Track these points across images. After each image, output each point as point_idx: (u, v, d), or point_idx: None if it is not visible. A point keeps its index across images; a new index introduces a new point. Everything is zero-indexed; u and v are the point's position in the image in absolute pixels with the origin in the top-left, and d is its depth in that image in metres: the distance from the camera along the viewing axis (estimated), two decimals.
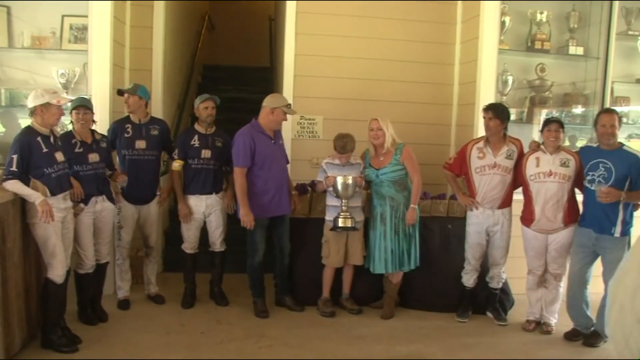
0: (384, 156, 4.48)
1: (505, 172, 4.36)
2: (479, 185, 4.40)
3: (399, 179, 4.45)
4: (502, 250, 4.49)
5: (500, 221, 4.42)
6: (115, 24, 4.74)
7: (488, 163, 4.37)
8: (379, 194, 4.48)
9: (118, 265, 4.60)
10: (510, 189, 4.43)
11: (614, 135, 4.03)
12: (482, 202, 4.41)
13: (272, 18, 8.91)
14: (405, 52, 5.49)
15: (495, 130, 4.34)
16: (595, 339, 4.18)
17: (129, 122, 4.51)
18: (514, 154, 4.39)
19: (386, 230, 4.44)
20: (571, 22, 5.45)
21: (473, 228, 4.48)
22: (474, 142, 4.49)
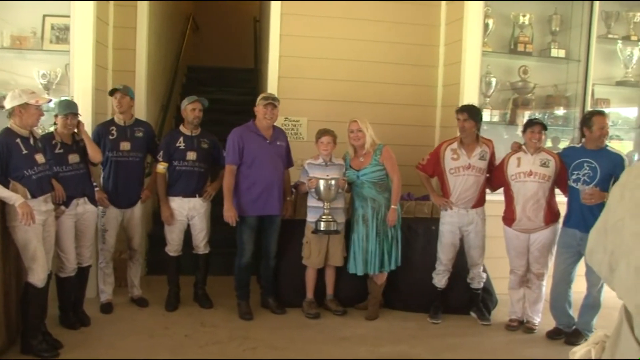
0: (364, 157, 4.50)
1: (479, 173, 4.41)
2: (454, 186, 4.43)
3: (380, 180, 4.46)
4: (478, 250, 4.52)
5: (474, 220, 4.46)
6: (98, 25, 4.70)
7: (462, 164, 4.40)
8: (360, 195, 4.49)
9: (101, 269, 4.56)
10: (483, 189, 4.48)
11: (608, 135, 4.12)
12: (456, 203, 4.44)
13: (257, 19, 8.90)
14: (390, 54, 5.51)
15: (470, 132, 4.38)
16: (577, 337, 4.23)
17: (114, 124, 4.47)
18: (486, 155, 4.44)
19: (368, 231, 4.45)
20: (553, 25, 5.52)
21: (447, 227, 4.50)
22: (447, 144, 4.52)
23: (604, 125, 4.11)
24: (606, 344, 1.43)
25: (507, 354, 4.07)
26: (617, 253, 1.33)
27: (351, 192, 4.60)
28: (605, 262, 1.39)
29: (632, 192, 1.32)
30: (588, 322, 4.24)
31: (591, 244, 1.48)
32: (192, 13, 9.36)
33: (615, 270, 1.35)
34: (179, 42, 8.15)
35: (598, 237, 1.43)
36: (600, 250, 1.41)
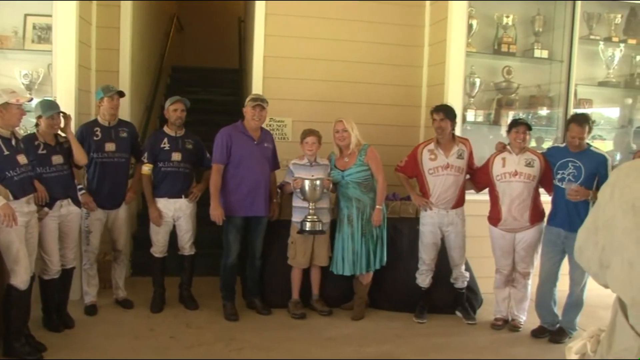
0: (349, 157, 4.51)
1: (458, 172, 4.44)
2: (433, 186, 4.45)
3: (364, 180, 4.47)
4: (459, 250, 4.55)
5: (454, 221, 4.48)
6: (81, 24, 4.66)
7: (441, 164, 4.42)
8: (345, 195, 4.50)
9: (85, 270, 4.51)
10: (462, 189, 4.51)
11: (580, 146, 4.14)
12: (436, 203, 4.45)
13: (242, 19, 8.88)
14: (374, 54, 5.53)
15: (447, 131, 4.41)
16: (561, 335, 4.28)
17: (98, 125, 4.43)
18: (464, 154, 4.47)
19: (353, 232, 4.45)
20: (536, 26, 5.57)
21: (428, 228, 4.52)
22: (424, 145, 4.54)
23: (575, 135, 4.12)
24: (602, 336, 1.48)
25: (493, 353, 4.10)
26: (609, 249, 1.40)
27: (336, 192, 4.61)
28: (595, 258, 1.45)
29: (621, 190, 1.38)
30: (571, 320, 4.28)
31: (580, 241, 1.53)
32: (176, 13, 9.32)
33: (608, 267, 1.40)
34: (163, 42, 8.11)
35: (588, 235, 1.49)
36: (591, 247, 1.47)
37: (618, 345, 1.37)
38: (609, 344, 1.41)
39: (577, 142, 4.12)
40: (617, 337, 1.38)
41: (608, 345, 1.41)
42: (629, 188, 1.36)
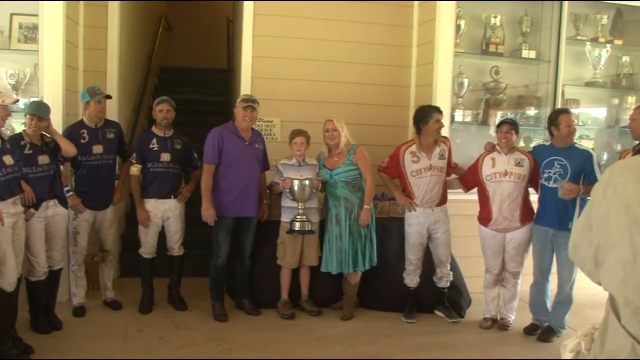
0: (338, 157, 4.52)
1: (440, 173, 4.46)
2: (417, 187, 4.45)
3: (353, 180, 4.48)
4: (445, 247, 4.57)
5: (440, 218, 4.50)
6: (68, 24, 4.63)
7: (424, 166, 4.43)
8: (333, 195, 4.50)
9: (73, 272, 4.48)
10: (445, 187, 4.54)
11: (575, 132, 4.23)
12: (421, 203, 4.46)
13: (230, 20, 8.85)
14: (363, 54, 5.53)
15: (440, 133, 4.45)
16: (549, 334, 4.31)
17: (84, 127, 4.39)
18: (445, 153, 4.49)
19: (341, 231, 4.46)
20: (524, 27, 5.60)
21: (414, 228, 4.52)
22: (406, 147, 4.53)
23: (570, 122, 4.20)
24: (595, 335, 1.49)
25: (482, 352, 4.12)
26: (604, 247, 1.41)
27: (325, 192, 4.61)
28: (590, 256, 1.47)
29: (615, 189, 1.39)
30: (560, 319, 4.31)
31: (575, 239, 1.55)
32: (165, 13, 9.28)
33: (603, 264, 1.42)
34: (151, 42, 8.07)
35: (583, 233, 1.50)
36: (585, 245, 1.49)
37: (610, 344, 1.38)
38: (601, 342, 1.41)
39: (573, 129, 4.18)
40: (609, 336, 1.39)
41: (601, 344, 1.41)
42: (622, 186, 1.37)
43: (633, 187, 1.36)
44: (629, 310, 1.32)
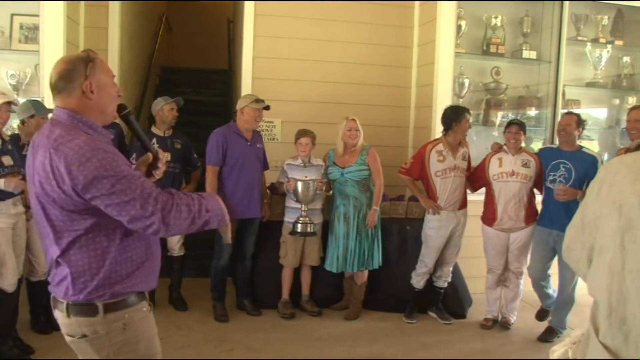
0: (350, 155, 4.51)
1: (462, 174, 4.46)
2: (441, 188, 4.43)
3: (363, 179, 4.48)
4: (455, 248, 4.57)
5: (461, 222, 4.50)
6: (69, 24, 4.63)
7: (449, 166, 4.42)
8: (342, 193, 4.49)
9: None
10: (466, 189, 4.52)
11: (568, 133, 4.21)
12: (445, 206, 4.44)
13: (231, 20, 8.86)
14: (363, 54, 5.53)
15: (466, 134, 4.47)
16: (550, 334, 4.32)
17: None
18: (466, 155, 4.51)
19: (349, 230, 4.45)
20: (524, 27, 5.60)
21: (436, 232, 4.47)
22: (432, 145, 4.51)
23: (562, 122, 4.30)
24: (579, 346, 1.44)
25: (482, 352, 4.12)
26: (597, 249, 1.37)
27: (332, 190, 4.60)
28: (583, 258, 1.44)
29: (609, 188, 1.35)
30: (562, 319, 4.31)
31: (568, 240, 1.51)
32: (165, 13, 9.29)
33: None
34: (151, 42, 8.07)
35: (575, 234, 1.47)
36: (578, 246, 1.45)
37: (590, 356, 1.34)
38: (582, 355, 1.39)
39: (569, 130, 4.20)
40: (590, 351, 1.35)
41: (582, 355, 1.39)
42: (617, 186, 1.33)
43: (628, 188, 1.30)
44: (613, 320, 1.27)
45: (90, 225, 1.76)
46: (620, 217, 1.29)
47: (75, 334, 1.87)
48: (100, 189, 1.66)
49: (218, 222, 1.88)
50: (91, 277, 1.79)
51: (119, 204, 1.67)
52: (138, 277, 1.88)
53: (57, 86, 1.79)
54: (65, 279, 1.83)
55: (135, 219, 1.69)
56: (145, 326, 1.95)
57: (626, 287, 1.26)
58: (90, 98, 1.79)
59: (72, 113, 1.78)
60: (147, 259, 1.92)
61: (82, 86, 1.77)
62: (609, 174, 1.37)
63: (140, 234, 1.85)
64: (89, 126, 1.80)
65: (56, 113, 1.81)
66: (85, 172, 1.65)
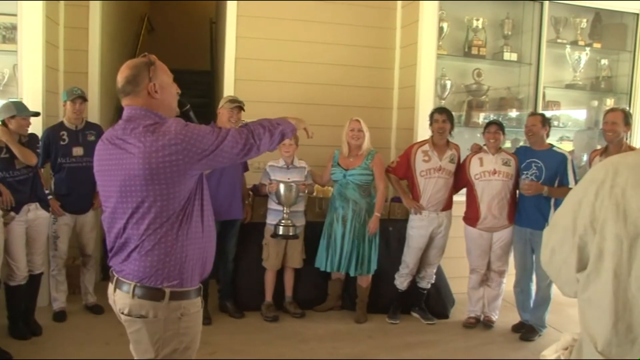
0: (355, 158, 4.50)
1: (448, 176, 4.49)
2: (424, 188, 4.47)
3: (365, 184, 4.47)
4: (439, 250, 4.60)
5: (444, 223, 4.53)
6: (48, 24, 4.57)
7: (434, 166, 4.45)
8: (343, 195, 4.47)
9: (53, 276, 4.41)
10: (452, 192, 4.55)
11: (535, 134, 4.31)
12: (427, 206, 4.48)
13: (213, 21, 8.81)
14: (346, 56, 5.53)
15: (446, 134, 4.47)
16: (531, 333, 4.37)
17: (64, 129, 4.33)
18: (455, 158, 4.53)
19: (345, 232, 4.43)
20: (505, 29, 5.65)
21: (417, 232, 4.52)
22: (418, 146, 4.56)
23: (527, 124, 4.39)
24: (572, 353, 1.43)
25: (465, 351, 4.15)
26: (596, 253, 1.31)
27: (332, 191, 4.59)
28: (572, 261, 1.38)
29: (610, 189, 1.30)
30: (540, 317, 4.36)
31: (553, 243, 1.46)
32: (147, 14, 9.21)
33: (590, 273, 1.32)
34: (133, 43, 8.00)
35: (565, 235, 1.40)
36: (566, 249, 1.40)
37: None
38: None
39: (535, 130, 4.29)
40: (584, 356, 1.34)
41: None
42: (618, 188, 1.28)
43: (633, 192, 1.26)
44: (620, 327, 1.25)
45: (179, 208, 1.94)
46: (626, 223, 1.25)
47: (133, 314, 1.98)
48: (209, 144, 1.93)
49: (291, 130, 2.18)
50: (165, 264, 1.94)
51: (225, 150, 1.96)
52: (198, 272, 2.06)
53: (125, 89, 2.03)
54: (137, 260, 1.95)
55: (240, 150, 1.99)
56: (196, 320, 2.08)
57: (632, 293, 1.24)
58: (155, 97, 2.01)
59: (144, 108, 1.99)
60: (207, 256, 2.11)
61: (148, 87, 1.99)
62: (608, 175, 1.32)
63: (208, 231, 2.08)
64: (159, 117, 2.00)
65: (130, 111, 2.01)
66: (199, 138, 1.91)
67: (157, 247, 1.92)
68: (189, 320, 2.03)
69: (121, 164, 1.92)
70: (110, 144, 2.00)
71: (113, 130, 2.03)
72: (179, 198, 1.93)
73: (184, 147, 1.87)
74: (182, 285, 1.98)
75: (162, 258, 1.93)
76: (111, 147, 1.99)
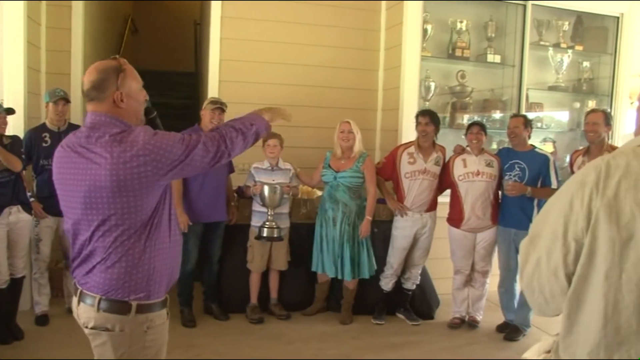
0: (346, 160, 4.50)
1: (433, 178, 4.51)
2: (408, 190, 4.49)
3: (355, 186, 4.47)
4: (424, 251, 4.62)
5: (428, 224, 4.55)
6: (29, 25, 4.52)
7: (419, 168, 4.47)
8: (333, 197, 4.47)
9: (35, 280, 4.36)
10: (436, 194, 4.57)
11: (517, 135, 4.36)
12: (411, 207, 4.50)
13: (198, 22, 8.78)
14: (331, 58, 5.54)
15: (430, 136, 4.48)
16: (516, 333, 4.40)
17: (47, 130, 4.27)
18: (440, 161, 4.55)
19: (335, 234, 4.43)
20: (489, 32, 5.69)
21: (401, 232, 4.55)
22: (404, 147, 4.58)
23: (510, 125, 4.44)
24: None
25: (450, 351, 4.17)
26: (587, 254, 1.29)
27: (323, 193, 4.59)
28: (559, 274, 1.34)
29: (603, 190, 1.27)
30: (525, 317, 4.39)
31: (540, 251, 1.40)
32: (131, 15, 9.15)
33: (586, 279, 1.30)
34: (117, 44, 7.95)
35: (553, 242, 1.35)
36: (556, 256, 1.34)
37: None
38: None
39: (517, 132, 4.33)
40: None
41: None
42: (610, 189, 1.26)
43: (625, 195, 1.25)
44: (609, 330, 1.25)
45: (146, 219, 1.87)
46: (619, 225, 1.24)
47: (98, 327, 1.92)
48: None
49: (265, 128, 2.14)
50: (131, 276, 1.87)
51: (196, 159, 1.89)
52: (165, 282, 2.00)
53: (89, 94, 1.91)
54: (102, 272, 1.88)
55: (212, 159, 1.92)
56: (162, 332, 2.04)
57: (622, 295, 1.24)
58: (120, 106, 1.91)
59: (109, 115, 1.89)
60: (174, 266, 2.05)
61: (114, 95, 1.89)
62: (600, 177, 1.29)
63: (174, 241, 2.00)
64: (125, 125, 1.90)
65: (94, 117, 1.90)
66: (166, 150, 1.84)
67: (124, 259, 1.85)
68: (155, 332, 1.98)
69: (85, 174, 1.84)
70: (72, 151, 1.89)
71: (75, 136, 1.92)
72: (147, 209, 1.86)
73: (153, 159, 1.80)
74: (149, 298, 1.92)
75: (129, 270, 1.86)
76: (74, 155, 1.88)
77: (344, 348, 4.13)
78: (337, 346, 4.16)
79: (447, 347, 4.23)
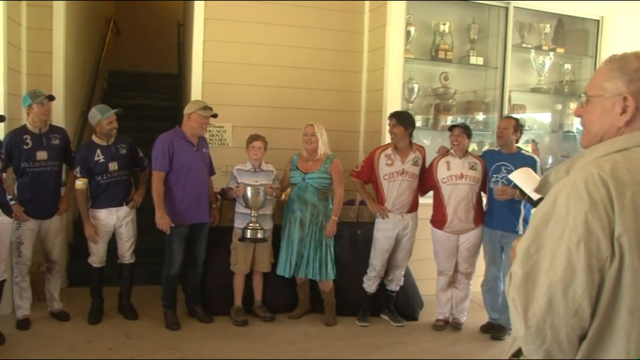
0: (314, 162, 4.50)
1: (412, 179, 4.51)
2: (388, 191, 4.50)
3: (323, 187, 4.48)
4: (406, 252, 4.63)
5: (409, 225, 4.56)
6: (9, 25, 4.47)
7: (396, 170, 4.48)
8: (301, 198, 4.47)
9: (16, 283, 4.30)
10: (416, 194, 4.59)
11: (504, 137, 4.39)
12: (392, 209, 4.51)
13: (181, 24, 8.74)
14: (314, 59, 5.55)
15: (400, 137, 4.48)
16: (501, 332, 4.42)
17: (27, 132, 4.22)
18: (419, 161, 4.56)
19: (303, 236, 4.44)
20: (472, 34, 5.73)
21: (382, 234, 4.56)
22: (382, 149, 4.59)
23: (500, 125, 4.49)
24: None
25: (434, 352, 4.18)
26: (623, 287, 1.17)
27: (289, 194, 4.58)
28: (587, 306, 1.18)
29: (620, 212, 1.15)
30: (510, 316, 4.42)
31: (553, 290, 1.19)
32: (113, 16, 9.08)
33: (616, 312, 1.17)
34: (99, 45, 7.87)
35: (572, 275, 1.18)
36: (580, 292, 1.16)
37: None
38: None
39: (506, 134, 4.36)
40: None
41: None
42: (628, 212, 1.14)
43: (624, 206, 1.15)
44: None
45: None
46: None
47: None
48: None
49: None
50: None
51: None
52: None
53: None
54: None
55: None
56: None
57: None
58: None
59: None
60: None
61: None
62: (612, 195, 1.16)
63: None
64: None
65: None
66: None
67: None
68: None
69: None
70: None
71: None
72: None
73: None
74: None
75: None
76: None
77: (328, 349, 4.13)
78: (322, 348, 4.16)
79: (431, 348, 4.25)
